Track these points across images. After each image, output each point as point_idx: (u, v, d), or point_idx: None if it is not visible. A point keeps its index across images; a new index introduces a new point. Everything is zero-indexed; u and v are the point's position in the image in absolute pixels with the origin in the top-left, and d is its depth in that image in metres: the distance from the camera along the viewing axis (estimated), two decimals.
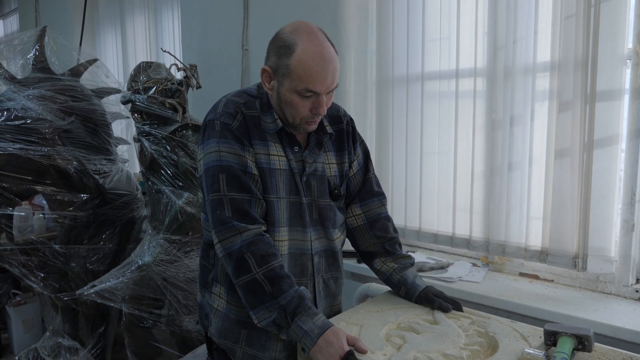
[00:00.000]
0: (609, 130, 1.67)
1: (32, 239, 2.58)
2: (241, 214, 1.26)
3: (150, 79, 2.35)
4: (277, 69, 1.28)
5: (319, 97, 1.28)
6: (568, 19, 1.71)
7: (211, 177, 1.29)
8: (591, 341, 1.08)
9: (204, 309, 1.46)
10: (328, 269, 1.45)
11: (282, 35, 1.28)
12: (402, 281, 1.49)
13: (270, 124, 1.35)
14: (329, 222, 1.43)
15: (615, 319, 1.55)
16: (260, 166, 1.32)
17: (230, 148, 1.29)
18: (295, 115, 1.31)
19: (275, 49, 1.28)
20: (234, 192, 1.27)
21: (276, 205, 1.33)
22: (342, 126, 1.50)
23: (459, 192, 2.11)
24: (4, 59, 2.61)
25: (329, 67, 1.26)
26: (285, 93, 1.29)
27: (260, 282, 1.21)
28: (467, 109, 2.05)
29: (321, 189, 1.42)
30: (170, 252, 2.33)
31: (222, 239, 1.26)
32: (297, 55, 1.23)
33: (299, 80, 1.25)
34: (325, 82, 1.26)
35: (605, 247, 1.72)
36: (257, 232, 1.26)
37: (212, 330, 1.42)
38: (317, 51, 1.24)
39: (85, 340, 2.70)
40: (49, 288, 2.57)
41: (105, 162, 2.57)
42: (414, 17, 2.19)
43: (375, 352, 1.15)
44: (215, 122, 1.32)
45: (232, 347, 1.39)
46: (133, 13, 4.03)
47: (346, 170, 1.49)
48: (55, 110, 2.38)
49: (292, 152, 1.38)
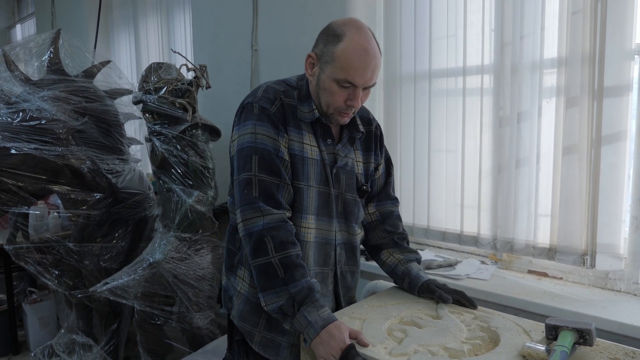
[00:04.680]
0: (616, 126, 1.66)
1: (48, 238, 2.64)
2: (267, 196, 1.29)
3: (160, 80, 2.38)
4: (322, 56, 1.33)
5: (356, 89, 1.32)
6: (575, 15, 1.70)
7: (244, 157, 1.32)
8: (592, 335, 1.08)
9: (229, 291, 1.50)
10: (347, 262, 1.49)
11: (333, 25, 1.34)
12: (406, 272, 1.50)
13: (307, 114, 1.39)
14: (353, 217, 1.48)
15: (624, 316, 1.54)
16: (292, 152, 1.36)
17: (266, 131, 1.33)
18: (330, 103, 1.35)
19: (325, 36, 1.33)
20: (264, 174, 1.30)
21: (305, 193, 1.37)
22: (372, 129, 1.56)
23: (467, 189, 2.10)
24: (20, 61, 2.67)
25: (370, 62, 1.30)
26: (325, 80, 1.33)
27: (275, 266, 1.24)
28: (474, 106, 2.05)
29: (349, 183, 1.46)
30: (181, 249, 2.36)
31: (245, 218, 1.29)
32: (343, 45, 1.28)
33: (340, 69, 1.29)
34: (364, 76, 1.30)
35: (614, 244, 1.71)
36: (280, 218, 1.28)
37: (234, 313, 1.45)
38: (362, 44, 1.29)
39: (98, 337, 2.74)
40: (64, 285, 2.62)
41: (118, 161, 2.61)
42: (421, 15, 2.20)
43: (377, 345, 1.16)
44: (254, 105, 1.35)
45: (251, 331, 1.41)
46: (146, 15, 4.09)
47: (372, 170, 1.55)
48: (69, 111, 2.42)
49: (324, 144, 1.42)
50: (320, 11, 2.42)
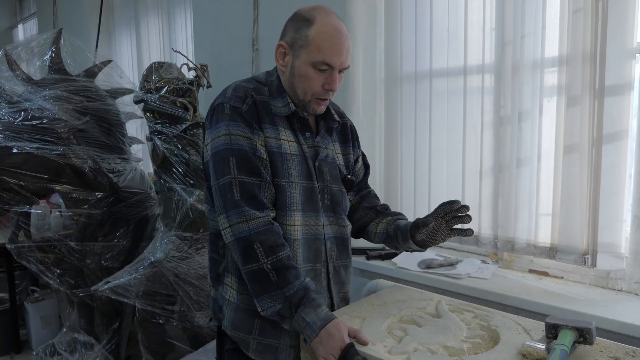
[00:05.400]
0: (618, 125, 1.66)
1: (49, 237, 2.65)
2: (250, 197, 1.26)
3: (161, 79, 2.39)
4: (293, 43, 1.31)
5: (333, 71, 1.30)
6: (576, 13, 1.70)
7: (221, 160, 1.28)
8: (592, 334, 1.08)
9: (218, 302, 1.45)
10: (339, 256, 1.45)
11: (301, 12, 1.33)
12: (396, 228, 1.46)
13: (281, 108, 1.36)
14: (341, 209, 1.45)
15: (625, 316, 1.53)
16: (270, 150, 1.32)
17: (240, 131, 1.29)
18: (307, 89, 1.32)
19: (293, 24, 1.32)
20: (244, 175, 1.27)
21: (288, 190, 1.33)
22: (346, 120, 1.55)
23: (468, 188, 2.10)
24: (22, 61, 2.67)
25: (344, 43, 1.30)
26: (300, 66, 1.30)
27: (267, 272, 1.22)
28: (475, 106, 2.04)
29: (333, 174, 1.44)
30: (182, 248, 2.36)
31: (230, 224, 1.25)
32: (316, 27, 1.28)
33: (317, 51, 1.27)
34: (340, 56, 1.29)
35: (615, 244, 1.71)
36: (266, 221, 1.26)
37: (225, 323, 1.41)
38: (335, 25, 1.29)
39: (100, 335, 2.75)
40: (65, 284, 2.63)
41: (119, 161, 2.62)
42: (422, 14, 2.20)
43: (376, 343, 1.16)
44: (224, 105, 1.32)
45: (246, 339, 1.37)
46: (147, 15, 4.09)
47: (352, 162, 1.53)
48: (71, 111, 2.43)
49: (303, 137, 1.39)
50: None
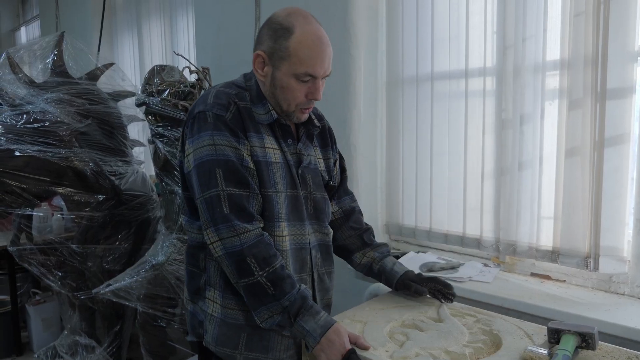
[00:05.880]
0: (620, 128, 1.65)
1: (51, 239, 2.65)
2: (239, 210, 1.21)
3: (163, 82, 2.39)
4: (272, 53, 1.24)
5: (316, 81, 1.26)
6: (577, 17, 1.70)
7: (207, 172, 1.22)
8: (595, 339, 1.07)
9: (197, 316, 1.38)
10: (323, 263, 1.44)
11: (277, 18, 1.26)
12: (381, 270, 1.49)
13: (263, 115, 1.31)
14: (324, 216, 1.44)
15: (627, 320, 1.53)
16: (256, 159, 1.28)
17: (226, 140, 1.23)
18: (290, 101, 1.28)
19: (271, 32, 1.25)
20: (232, 187, 1.22)
21: (275, 200, 1.29)
22: (324, 123, 1.52)
23: (469, 191, 2.10)
24: (24, 63, 2.68)
25: (326, 51, 1.25)
26: (281, 77, 1.25)
27: (263, 285, 1.19)
28: (476, 109, 2.04)
29: (316, 181, 1.42)
30: (183, 251, 2.36)
31: (220, 237, 1.20)
32: (296, 37, 1.21)
33: (299, 63, 1.22)
34: (323, 66, 1.25)
35: (617, 247, 1.70)
36: (256, 233, 1.22)
37: (208, 339, 1.34)
38: (315, 34, 1.24)
39: (101, 338, 2.75)
40: (67, 287, 2.63)
41: (121, 163, 2.63)
42: (423, 17, 2.19)
43: (378, 348, 1.16)
44: (207, 113, 1.24)
45: (232, 354, 1.32)
46: (149, 18, 4.10)
47: (332, 166, 1.52)
48: (73, 113, 2.44)
49: (286, 144, 1.35)
50: (322, 14, 2.42)
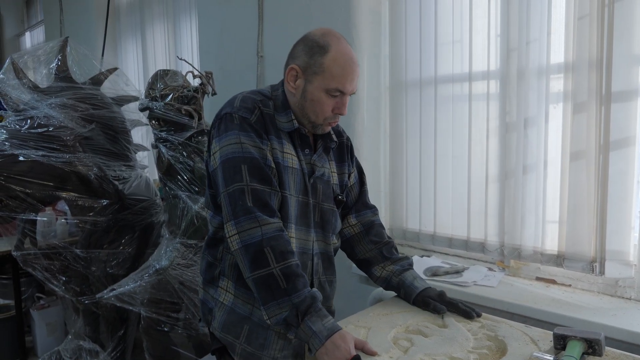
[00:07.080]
0: (625, 131, 1.64)
1: (55, 244, 2.65)
2: (262, 204, 1.27)
3: (167, 87, 2.39)
4: (307, 68, 1.33)
5: (344, 97, 1.35)
6: (582, 20, 1.69)
7: (232, 168, 1.29)
8: (601, 345, 1.06)
9: (208, 304, 1.47)
10: (324, 272, 1.48)
11: (313, 37, 1.35)
12: (400, 283, 1.50)
13: (285, 124, 1.39)
14: (330, 227, 1.48)
15: (634, 325, 1.51)
16: (276, 161, 1.35)
17: (251, 140, 1.31)
18: (319, 113, 1.36)
19: (307, 48, 1.34)
20: (256, 182, 1.28)
21: (289, 202, 1.36)
22: (343, 140, 1.58)
23: (474, 195, 2.09)
24: (28, 69, 2.69)
25: (356, 70, 1.35)
26: (313, 91, 1.34)
27: (277, 277, 1.22)
28: (480, 112, 2.03)
29: (326, 193, 1.46)
30: (187, 256, 2.36)
31: (241, 230, 1.25)
32: (331, 55, 1.31)
33: (331, 79, 1.31)
34: (352, 83, 1.35)
35: (623, 251, 1.68)
36: (277, 227, 1.27)
37: (215, 325, 1.43)
38: (348, 53, 1.34)
39: (105, 343, 2.75)
40: (71, 291, 2.63)
41: (125, 168, 2.63)
42: (427, 21, 2.19)
43: (382, 354, 1.15)
44: (233, 115, 1.34)
45: (233, 342, 1.39)
46: (153, 23, 4.12)
47: (346, 181, 1.56)
48: (77, 118, 2.44)
49: (302, 153, 1.42)
50: (325, 18, 2.42)
